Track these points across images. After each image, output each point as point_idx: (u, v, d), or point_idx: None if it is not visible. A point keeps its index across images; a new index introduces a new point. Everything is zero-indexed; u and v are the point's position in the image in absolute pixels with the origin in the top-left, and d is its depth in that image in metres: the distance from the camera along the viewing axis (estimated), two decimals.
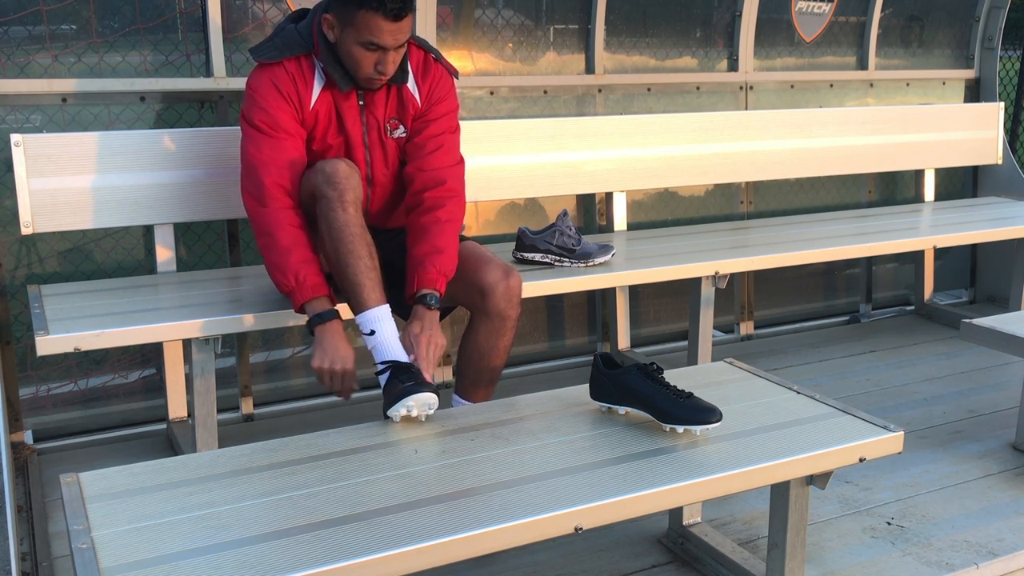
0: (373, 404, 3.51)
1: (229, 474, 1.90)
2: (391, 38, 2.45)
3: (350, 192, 2.45)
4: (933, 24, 4.89)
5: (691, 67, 4.26)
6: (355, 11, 2.42)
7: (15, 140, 2.86)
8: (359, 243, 2.43)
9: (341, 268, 2.44)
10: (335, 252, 2.44)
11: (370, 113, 2.67)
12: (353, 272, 2.42)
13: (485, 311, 2.63)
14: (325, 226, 2.45)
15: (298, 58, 2.57)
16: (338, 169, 2.46)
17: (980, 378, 3.82)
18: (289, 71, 2.56)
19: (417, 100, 2.70)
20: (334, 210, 2.43)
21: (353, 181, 2.48)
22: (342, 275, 2.45)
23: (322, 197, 2.46)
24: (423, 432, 2.13)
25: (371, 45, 2.45)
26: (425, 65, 2.71)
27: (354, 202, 2.46)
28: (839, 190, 4.71)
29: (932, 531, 2.65)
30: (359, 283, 2.41)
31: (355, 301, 2.43)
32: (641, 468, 1.95)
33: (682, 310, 4.27)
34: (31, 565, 2.48)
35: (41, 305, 2.71)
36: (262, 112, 2.54)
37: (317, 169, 2.50)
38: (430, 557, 1.66)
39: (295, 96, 2.57)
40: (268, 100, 2.54)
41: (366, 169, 2.71)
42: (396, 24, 2.42)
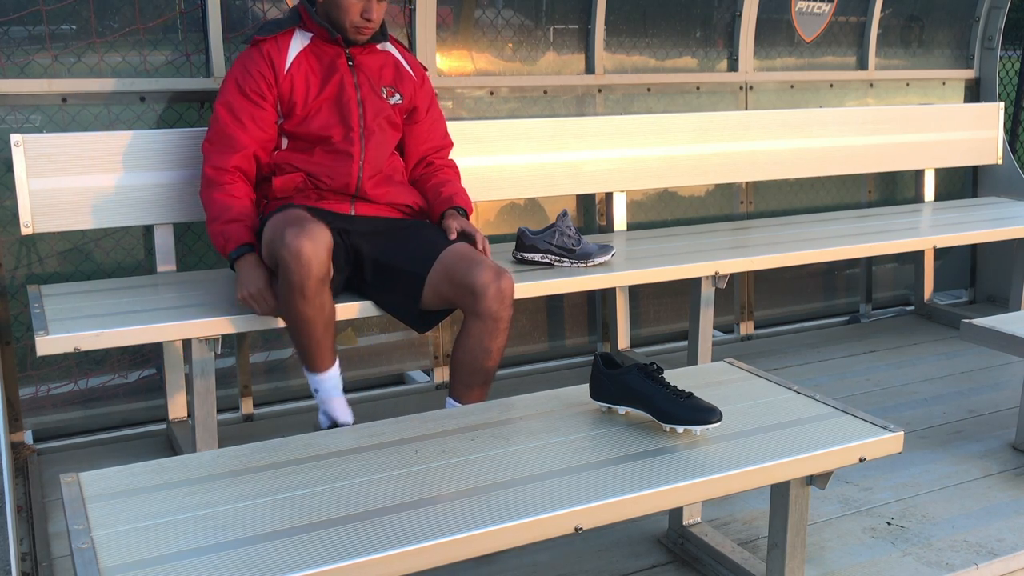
0: (373, 404, 3.52)
1: (229, 474, 1.90)
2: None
3: (311, 280, 2.51)
4: (933, 24, 4.89)
5: (691, 67, 4.26)
6: None
7: (15, 140, 2.86)
8: (317, 327, 2.62)
9: (295, 335, 2.68)
10: (292, 326, 2.64)
11: (360, 71, 2.88)
12: (306, 343, 2.67)
13: (477, 313, 2.66)
14: (284, 302, 2.59)
15: (275, 37, 2.81)
16: (302, 250, 2.48)
17: (980, 378, 3.82)
18: (263, 51, 2.79)
19: (412, 76, 3.00)
20: (295, 298, 2.55)
21: (315, 266, 2.51)
22: (296, 339, 2.68)
23: (285, 279, 2.54)
24: (423, 432, 2.13)
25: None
26: (405, 51, 3.05)
27: (316, 288, 2.53)
28: (839, 190, 4.71)
29: (932, 531, 2.65)
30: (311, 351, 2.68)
31: (307, 363, 2.73)
32: (641, 468, 1.94)
33: (682, 310, 4.27)
34: (31, 565, 2.48)
35: (41, 305, 2.71)
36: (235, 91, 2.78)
37: (283, 242, 2.51)
38: (430, 557, 1.66)
39: (269, 70, 2.78)
40: (243, 80, 2.78)
41: (359, 123, 2.83)
42: None
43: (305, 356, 2.71)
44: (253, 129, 2.78)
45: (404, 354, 3.80)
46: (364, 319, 3.50)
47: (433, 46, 3.61)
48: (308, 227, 2.53)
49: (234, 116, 2.77)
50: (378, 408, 3.46)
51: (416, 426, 2.16)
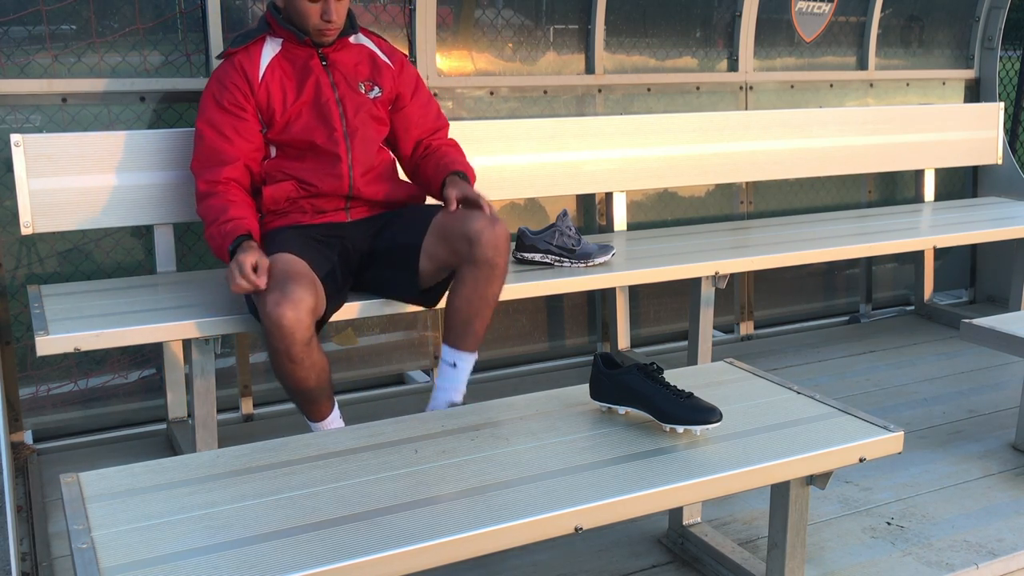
0: (373, 404, 3.52)
1: (229, 474, 1.90)
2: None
3: (296, 346, 2.48)
4: (933, 24, 4.89)
5: (691, 67, 4.26)
6: None
7: (15, 140, 2.86)
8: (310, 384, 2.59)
9: (290, 394, 2.66)
10: (284, 386, 2.64)
11: (335, 70, 2.84)
12: (302, 400, 2.65)
13: (473, 260, 2.66)
14: (273, 364, 2.57)
15: (246, 48, 2.79)
16: (283, 319, 2.43)
17: (980, 378, 3.82)
18: (236, 62, 2.77)
19: (390, 65, 2.94)
20: (283, 362, 2.52)
21: (299, 332, 2.46)
22: (291, 396, 2.68)
23: (270, 345, 2.51)
24: (423, 432, 2.13)
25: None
26: (383, 44, 2.99)
27: (302, 351, 2.49)
28: (839, 190, 4.71)
29: (932, 531, 2.65)
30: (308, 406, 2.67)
31: (306, 414, 2.70)
32: (641, 468, 1.94)
33: (682, 310, 4.27)
34: (31, 565, 2.48)
35: (41, 305, 2.71)
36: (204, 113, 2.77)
37: (264, 310, 2.45)
38: (430, 557, 1.66)
39: (244, 80, 2.75)
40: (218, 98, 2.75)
41: (340, 122, 2.80)
42: None
43: (302, 409, 2.68)
44: (239, 141, 2.74)
45: (404, 354, 3.80)
46: (364, 319, 3.50)
47: (433, 46, 3.61)
48: (289, 290, 2.44)
49: (218, 131, 2.73)
50: (378, 408, 3.47)
51: (416, 426, 2.16)
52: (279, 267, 2.54)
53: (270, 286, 2.47)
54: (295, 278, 2.49)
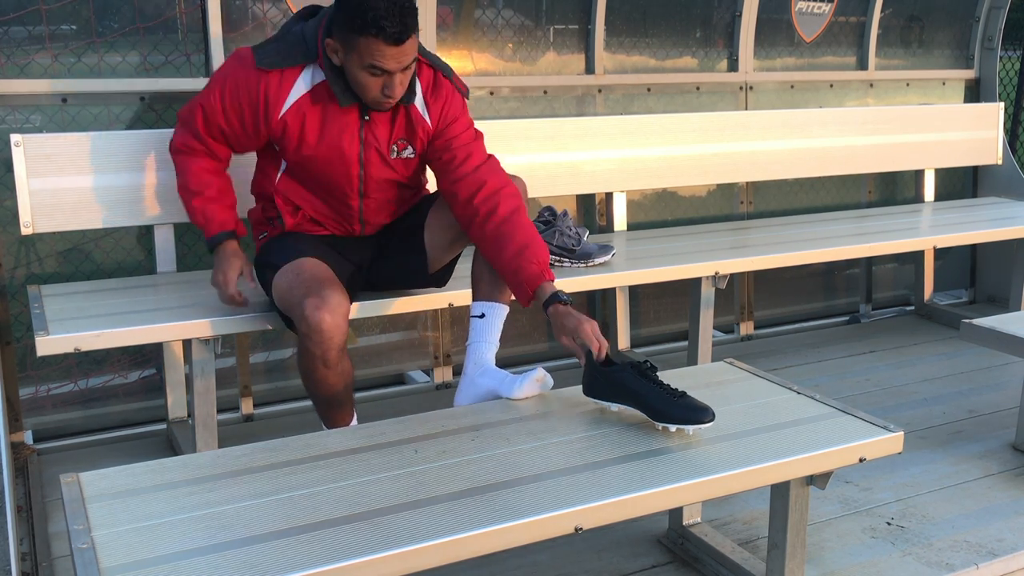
0: (372, 404, 3.52)
1: (229, 474, 1.90)
2: (394, 62, 2.37)
3: (333, 351, 2.46)
4: (933, 24, 4.89)
5: (691, 67, 4.26)
6: (356, 37, 2.35)
7: (15, 140, 2.86)
8: (339, 391, 2.55)
9: (317, 399, 2.60)
10: (314, 391, 2.57)
11: (370, 131, 2.58)
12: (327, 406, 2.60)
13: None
14: (306, 368, 2.53)
15: (282, 71, 2.51)
16: (323, 324, 2.41)
17: (980, 378, 3.82)
18: (265, 82, 2.51)
19: (427, 121, 2.61)
20: (317, 367, 2.49)
21: (337, 336, 2.44)
22: (317, 402, 2.62)
23: (305, 349, 2.48)
24: (423, 432, 2.13)
25: (375, 69, 2.38)
26: (435, 85, 2.62)
27: (337, 356, 2.48)
28: (839, 190, 4.71)
29: (932, 531, 2.65)
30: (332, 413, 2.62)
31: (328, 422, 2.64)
32: (641, 468, 1.95)
33: (682, 310, 4.26)
34: (31, 565, 2.48)
35: (41, 305, 2.71)
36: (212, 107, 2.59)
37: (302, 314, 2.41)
38: (430, 557, 1.66)
39: (255, 105, 2.53)
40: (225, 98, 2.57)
41: (357, 184, 2.65)
42: (398, 48, 2.35)
43: (326, 417, 2.63)
44: (222, 143, 2.67)
45: (404, 354, 3.80)
46: (364, 319, 3.50)
47: (433, 46, 3.61)
48: (326, 295, 2.41)
49: (208, 124, 2.62)
50: (378, 408, 3.47)
51: (416, 426, 2.16)
52: (308, 271, 2.51)
53: (305, 290, 2.44)
54: (328, 283, 2.47)
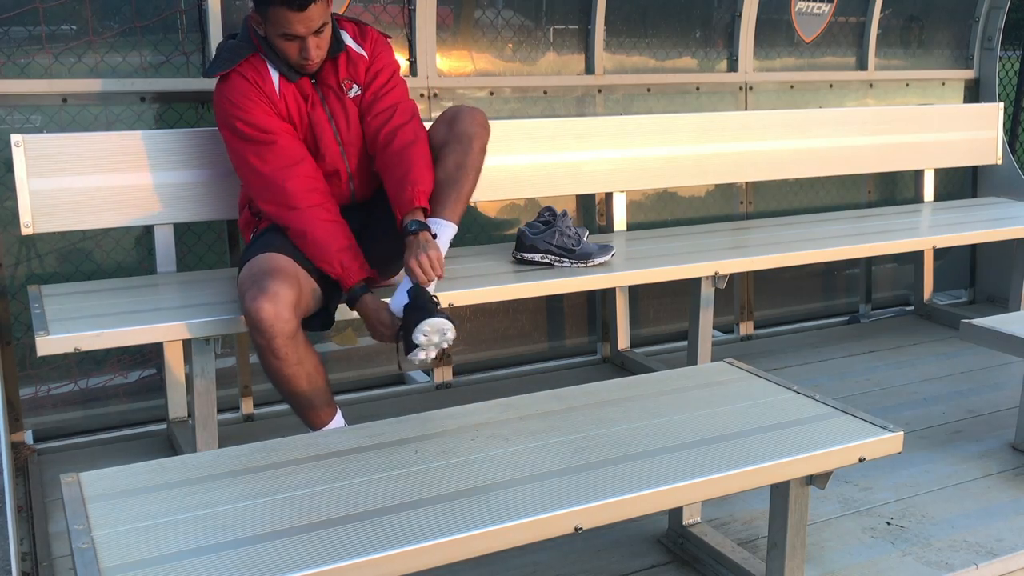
0: (372, 404, 3.52)
1: (229, 474, 1.90)
2: (302, 27, 2.56)
3: (278, 340, 2.48)
4: (933, 24, 4.89)
5: (691, 67, 4.26)
6: (266, 8, 2.56)
7: (15, 140, 2.86)
8: (300, 382, 2.57)
9: (283, 396, 2.63)
10: (275, 386, 2.61)
11: (322, 84, 2.76)
12: (295, 401, 2.61)
13: (454, 135, 2.75)
14: (261, 362, 2.57)
15: (248, 60, 2.67)
16: (261, 313, 2.44)
17: (980, 378, 3.82)
18: (245, 75, 2.66)
19: (364, 56, 2.81)
20: (268, 359, 2.52)
21: (279, 326, 2.46)
22: (285, 399, 2.63)
23: (253, 341, 2.53)
24: (423, 432, 2.13)
25: (288, 36, 2.59)
26: (361, 31, 2.84)
27: (285, 345, 2.49)
28: (839, 190, 4.71)
29: (932, 531, 2.65)
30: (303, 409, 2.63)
31: (305, 420, 2.65)
32: (641, 468, 1.95)
33: (682, 310, 4.26)
34: (31, 565, 2.48)
35: (41, 305, 2.71)
36: (243, 121, 2.65)
37: (243, 305, 2.49)
38: (430, 557, 1.66)
39: (262, 94, 2.66)
40: (243, 108, 2.65)
41: (334, 135, 2.77)
42: (303, 14, 2.53)
43: (301, 415, 2.64)
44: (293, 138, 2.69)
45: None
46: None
47: (433, 46, 3.61)
48: (267, 285, 2.46)
49: (266, 133, 2.64)
50: (378, 408, 3.47)
51: (416, 426, 2.16)
52: (260, 265, 2.56)
53: (250, 283, 2.50)
54: (272, 273, 2.52)
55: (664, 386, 2.42)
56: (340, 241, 2.63)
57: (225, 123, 2.69)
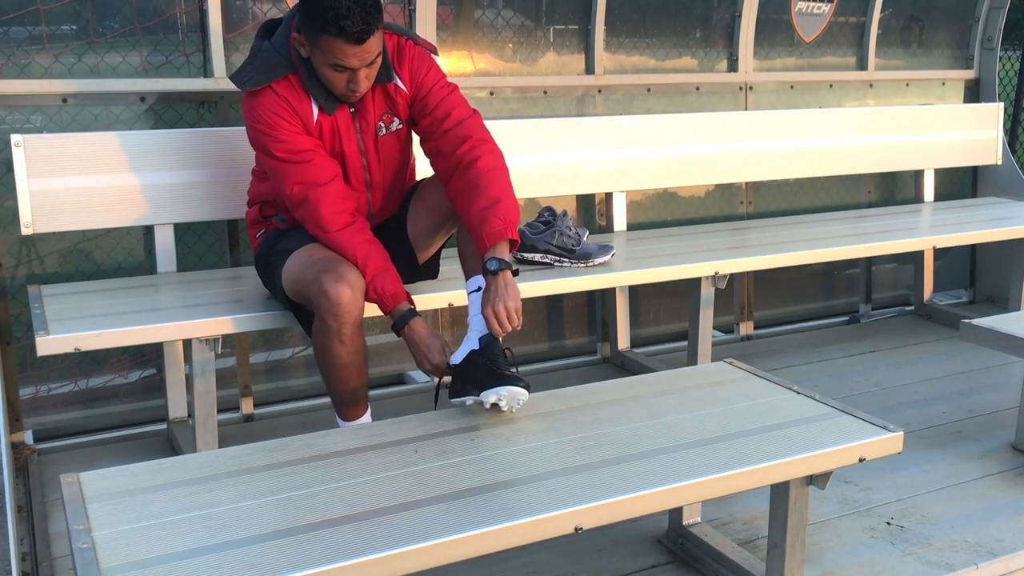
0: (372, 404, 3.51)
1: (229, 474, 1.90)
2: (356, 60, 2.40)
3: (349, 325, 2.46)
4: (933, 24, 4.89)
5: (691, 67, 4.26)
6: (318, 35, 2.37)
7: (15, 140, 2.86)
8: (352, 372, 2.54)
9: (331, 380, 2.56)
10: (327, 370, 2.55)
11: (362, 118, 2.61)
12: (341, 389, 2.57)
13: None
14: (319, 346, 2.52)
15: (286, 78, 2.50)
16: (342, 297, 2.43)
17: (980, 378, 3.82)
18: (280, 94, 2.50)
19: (403, 88, 2.62)
20: (332, 342, 2.49)
21: (355, 311, 2.46)
22: (330, 385, 2.58)
23: (322, 324, 2.47)
24: (423, 432, 2.13)
25: (338, 67, 2.41)
26: (399, 51, 2.62)
27: (352, 332, 2.48)
28: (839, 190, 4.71)
29: (932, 531, 2.65)
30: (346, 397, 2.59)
31: (341, 410, 2.62)
32: (641, 468, 1.95)
33: (682, 310, 4.27)
34: (31, 565, 2.48)
35: (41, 305, 2.71)
36: (277, 143, 2.51)
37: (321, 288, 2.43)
38: (430, 557, 1.66)
39: (296, 117, 2.52)
40: (276, 129, 2.50)
41: (364, 175, 2.68)
42: (359, 47, 2.37)
43: (339, 402, 2.61)
44: (325, 155, 2.56)
45: (404, 354, 3.78)
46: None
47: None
48: (343, 271, 2.45)
49: (299, 154, 2.52)
50: (378, 408, 3.45)
51: (416, 426, 2.16)
52: (320, 253, 2.53)
53: (321, 267, 2.47)
54: (341, 261, 2.50)
55: (664, 386, 2.42)
56: (376, 264, 2.51)
57: (256, 140, 2.55)
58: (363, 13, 2.32)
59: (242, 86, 2.52)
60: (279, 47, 2.52)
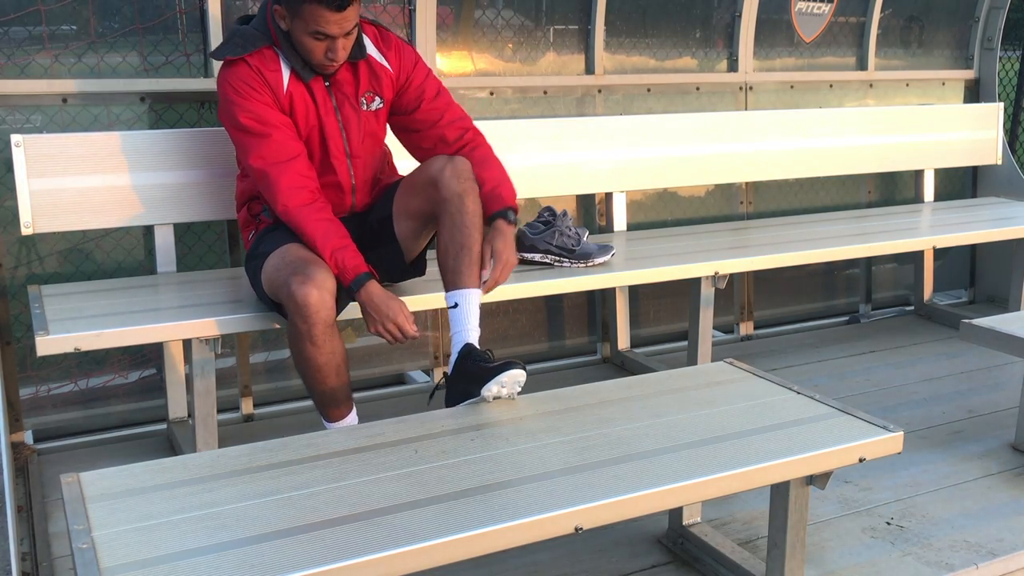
0: (372, 404, 3.52)
1: (229, 474, 1.90)
2: (337, 27, 2.52)
3: (319, 326, 2.48)
4: (933, 24, 4.89)
5: (691, 67, 4.26)
6: (300, 3, 2.50)
7: (15, 140, 2.86)
8: (329, 374, 2.56)
9: (309, 383, 2.60)
10: (304, 373, 2.58)
11: (337, 90, 2.71)
12: (320, 391, 2.59)
13: (443, 199, 2.62)
14: (294, 350, 2.55)
15: (260, 51, 2.62)
16: (309, 299, 2.44)
17: (980, 378, 3.82)
18: (253, 65, 2.61)
19: (389, 69, 2.76)
20: (304, 345, 2.51)
21: (323, 313, 2.47)
22: (309, 387, 2.61)
23: (293, 327, 2.50)
24: (423, 432, 2.13)
25: (319, 35, 2.54)
26: (382, 37, 2.78)
27: (324, 333, 2.50)
28: (839, 190, 4.71)
29: (932, 531, 2.65)
30: (326, 399, 2.61)
31: (323, 411, 2.65)
32: (641, 468, 1.95)
33: (682, 310, 4.27)
34: (31, 565, 2.48)
35: (41, 305, 2.71)
36: (243, 111, 2.60)
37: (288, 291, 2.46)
38: (430, 557, 1.66)
39: (266, 87, 2.61)
40: (244, 98, 2.60)
41: (344, 146, 2.74)
42: (341, 14, 2.49)
43: (320, 404, 2.64)
44: (290, 133, 2.63)
45: (404, 354, 3.80)
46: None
47: (433, 46, 3.61)
48: (311, 272, 2.46)
49: (264, 126, 2.59)
50: (378, 408, 3.46)
51: (416, 426, 2.16)
52: (295, 253, 2.56)
53: (291, 270, 2.49)
54: (312, 261, 2.52)
55: (664, 386, 2.42)
56: (334, 241, 2.56)
57: (225, 111, 2.64)
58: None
59: (218, 56, 2.65)
60: (256, 25, 2.67)
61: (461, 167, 2.63)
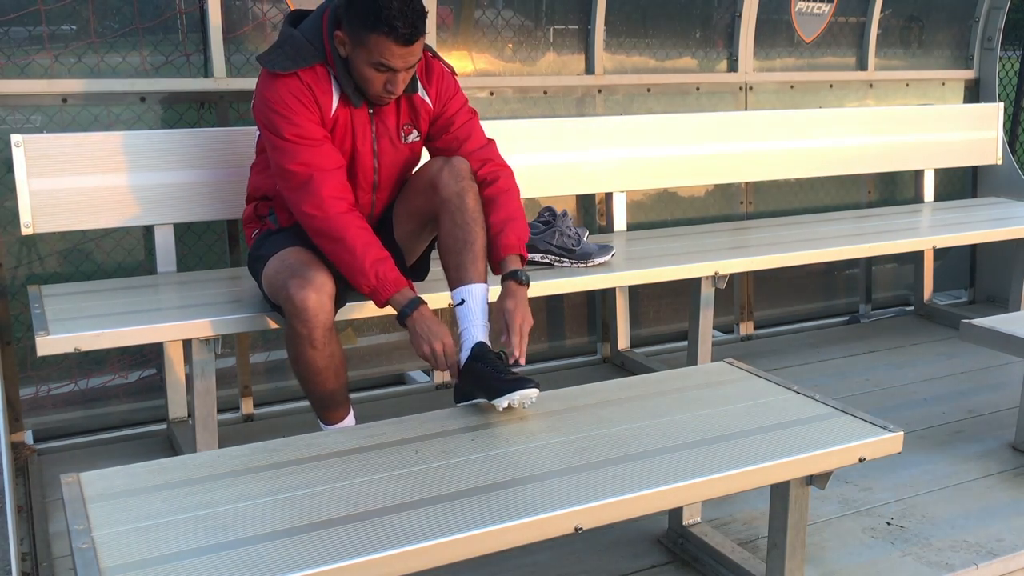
0: (372, 404, 3.52)
1: (229, 474, 1.90)
2: (401, 61, 2.44)
3: (318, 330, 2.47)
4: (933, 24, 4.89)
5: (691, 68, 4.27)
6: (366, 33, 2.40)
7: (15, 140, 2.86)
8: (328, 378, 2.56)
9: (307, 386, 2.60)
10: (303, 377, 2.58)
11: (380, 121, 2.65)
12: (319, 394, 2.60)
13: (442, 199, 2.58)
14: (293, 353, 2.54)
15: (313, 68, 2.52)
16: (307, 302, 2.43)
17: (980, 378, 3.82)
18: (305, 82, 2.51)
19: (428, 103, 2.70)
20: (304, 348, 2.50)
21: (322, 316, 2.46)
22: (307, 391, 2.61)
23: (292, 330, 2.50)
24: (423, 432, 2.13)
25: (381, 66, 2.45)
26: (427, 67, 2.70)
27: (324, 337, 2.49)
28: (839, 190, 4.71)
29: (932, 531, 2.65)
30: (324, 402, 2.62)
31: (321, 414, 2.65)
32: (641, 468, 1.95)
33: (682, 310, 4.27)
34: (31, 565, 2.48)
35: (41, 305, 2.71)
36: (291, 125, 2.50)
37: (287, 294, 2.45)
38: (430, 557, 1.66)
39: (315, 105, 2.53)
40: (293, 113, 2.50)
41: (373, 176, 2.69)
42: (408, 48, 2.41)
43: (319, 406, 2.63)
44: (334, 146, 2.57)
45: (404, 354, 3.80)
46: (364, 319, 3.50)
47: (433, 46, 3.61)
48: (310, 275, 2.45)
49: (310, 140, 2.51)
50: (378, 408, 3.46)
51: (416, 426, 2.16)
52: (294, 257, 2.55)
53: (289, 273, 2.49)
54: (312, 264, 2.51)
55: (664, 386, 2.42)
56: (374, 251, 2.48)
57: (267, 120, 2.53)
58: (414, 16, 2.39)
59: (271, 68, 2.52)
60: (309, 36, 2.54)
61: (459, 167, 2.61)
